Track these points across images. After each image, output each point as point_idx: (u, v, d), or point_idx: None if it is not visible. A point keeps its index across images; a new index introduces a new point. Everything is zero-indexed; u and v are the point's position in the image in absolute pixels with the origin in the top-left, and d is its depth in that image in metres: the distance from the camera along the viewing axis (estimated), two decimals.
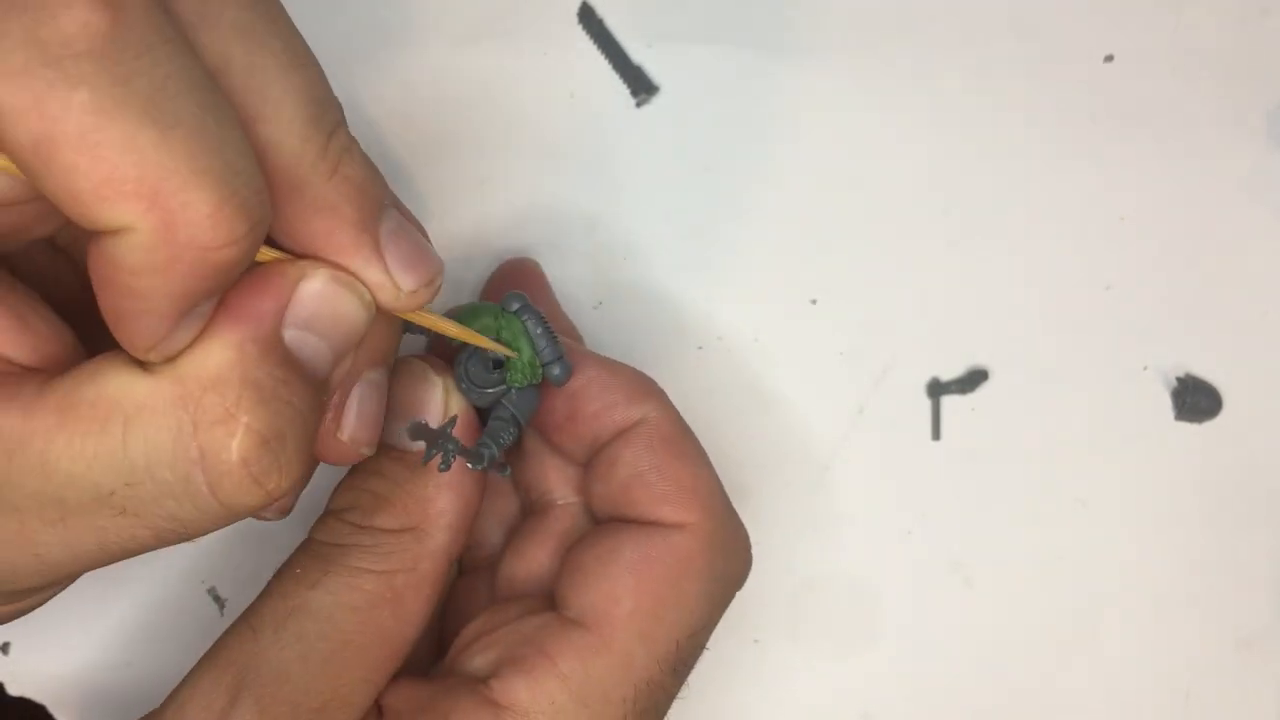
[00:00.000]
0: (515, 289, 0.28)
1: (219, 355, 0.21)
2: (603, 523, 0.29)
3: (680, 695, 0.31)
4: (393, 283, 0.23)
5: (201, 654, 0.28)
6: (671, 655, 0.27)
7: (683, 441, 0.28)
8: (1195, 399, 0.35)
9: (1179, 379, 0.35)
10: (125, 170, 0.18)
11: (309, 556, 0.27)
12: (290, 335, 0.22)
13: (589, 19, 0.36)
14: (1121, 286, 0.36)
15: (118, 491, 0.21)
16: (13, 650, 0.34)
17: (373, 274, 0.23)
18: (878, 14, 0.36)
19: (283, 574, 0.27)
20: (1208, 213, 0.36)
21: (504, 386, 0.27)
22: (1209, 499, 0.35)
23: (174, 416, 0.21)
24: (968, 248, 0.36)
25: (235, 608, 0.34)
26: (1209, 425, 0.36)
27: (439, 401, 0.27)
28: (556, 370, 0.27)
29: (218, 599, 0.35)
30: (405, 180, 0.35)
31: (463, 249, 0.35)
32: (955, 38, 0.36)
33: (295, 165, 0.21)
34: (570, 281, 0.35)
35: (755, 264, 0.35)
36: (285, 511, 0.27)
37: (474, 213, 0.35)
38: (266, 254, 0.23)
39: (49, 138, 0.17)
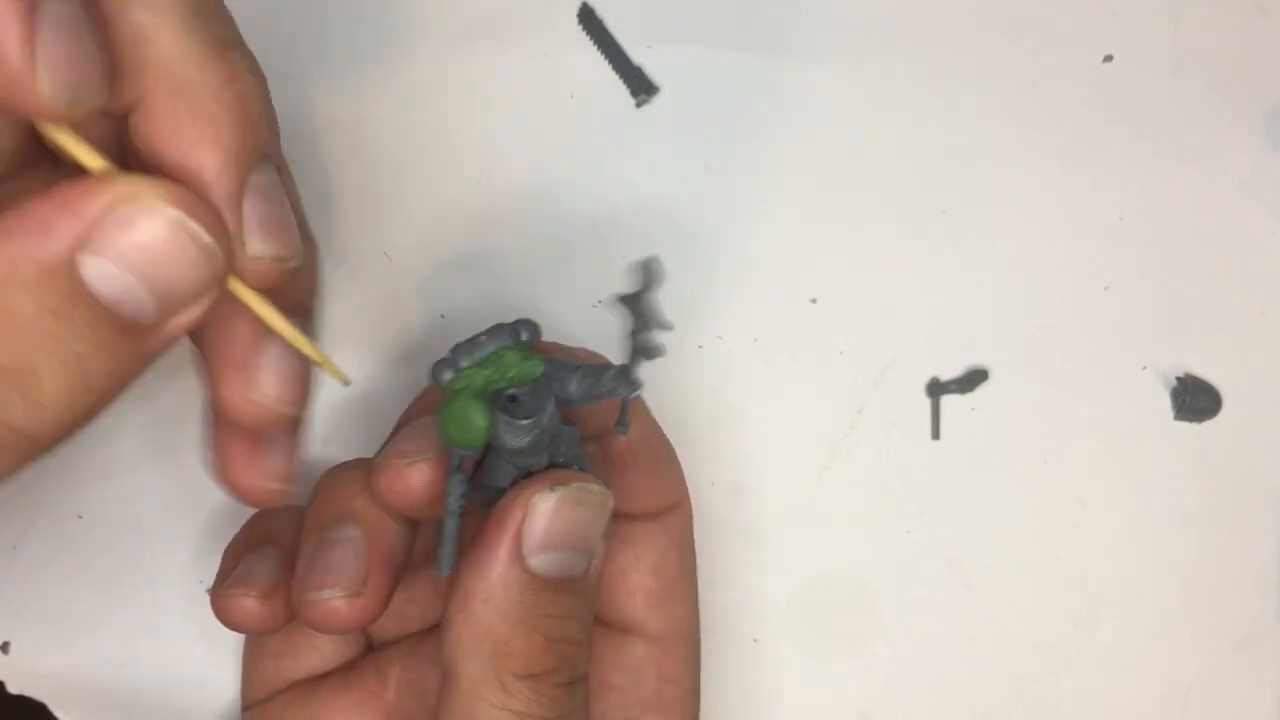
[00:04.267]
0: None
1: None
2: None
3: None
4: (239, 239, 0.20)
5: (201, 654, 0.28)
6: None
7: (655, 426, 0.30)
8: (1194, 399, 0.35)
9: (1178, 379, 0.35)
10: None
11: None
12: (93, 266, 0.18)
13: (589, 19, 0.36)
14: (1121, 286, 0.36)
15: None
16: (13, 650, 0.34)
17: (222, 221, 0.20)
18: (877, 14, 0.36)
19: None
20: (1207, 212, 0.36)
21: (534, 386, 0.25)
22: (1208, 499, 0.35)
23: None
24: (967, 247, 0.36)
25: None
26: (1208, 425, 0.36)
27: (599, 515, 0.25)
28: (525, 334, 0.25)
29: None
30: (405, 179, 0.35)
31: (462, 249, 0.35)
32: (955, 37, 0.36)
33: (177, 59, 0.19)
34: (570, 281, 0.35)
35: (755, 264, 0.35)
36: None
37: (474, 213, 0.35)
38: (90, 160, 0.19)
39: None
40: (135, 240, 0.19)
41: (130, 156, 0.21)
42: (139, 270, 0.19)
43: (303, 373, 0.23)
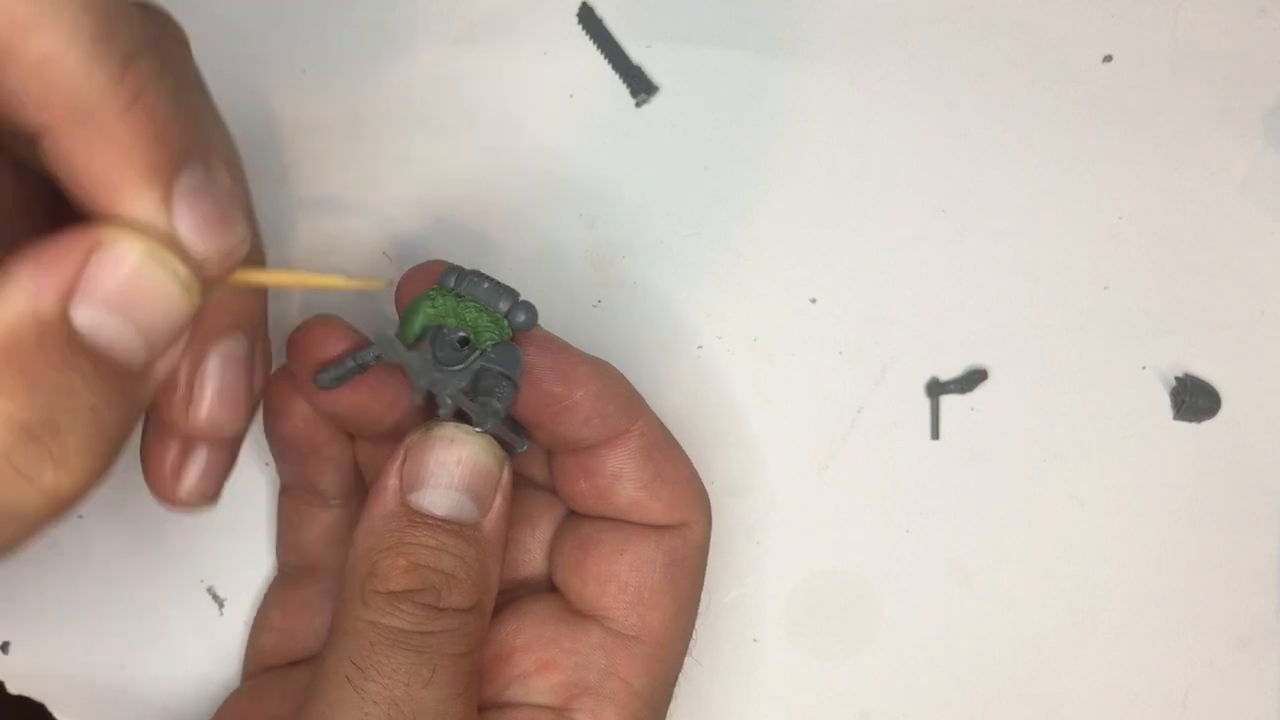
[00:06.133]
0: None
1: None
2: (598, 520, 0.29)
3: (679, 695, 0.31)
4: (180, 245, 0.20)
5: (202, 653, 0.28)
6: (691, 632, 0.29)
7: (672, 442, 0.29)
8: (1194, 399, 0.35)
9: (1177, 379, 0.35)
10: None
11: (399, 650, 0.25)
12: (84, 315, 0.19)
13: (589, 19, 0.36)
14: (1120, 286, 0.36)
15: None
16: (13, 650, 0.34)
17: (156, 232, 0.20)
18: (877, 14, 0.36)
19: (370, 671, 0.24)
20: (1206, 212, 0.36)
21: (477, 353, 0.26)
22: (1207, 499, 0.35)
23: None
24: (967, 247, 0.36)
25: (234, 607, 0.34)
26: (1207, 425, 0.36)
27: (485, 460, 0.26)
28: (521, 317, 0.26)
29: (217, 599, 0.35)
30: (404, 179, 0.35)
31: (462, 249, 0.35)
32: (955, 37, 0.36)
33: (81, 87, 0.18)
34: (570, 281, 0.35)
35: (755, 264, 0.35)
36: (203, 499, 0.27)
37: (474, 212, 0.35)
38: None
39: None
40: (115, 281, 0.19)
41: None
42: (123, 310, 0.20)
43: (247, 392, 0.24)
